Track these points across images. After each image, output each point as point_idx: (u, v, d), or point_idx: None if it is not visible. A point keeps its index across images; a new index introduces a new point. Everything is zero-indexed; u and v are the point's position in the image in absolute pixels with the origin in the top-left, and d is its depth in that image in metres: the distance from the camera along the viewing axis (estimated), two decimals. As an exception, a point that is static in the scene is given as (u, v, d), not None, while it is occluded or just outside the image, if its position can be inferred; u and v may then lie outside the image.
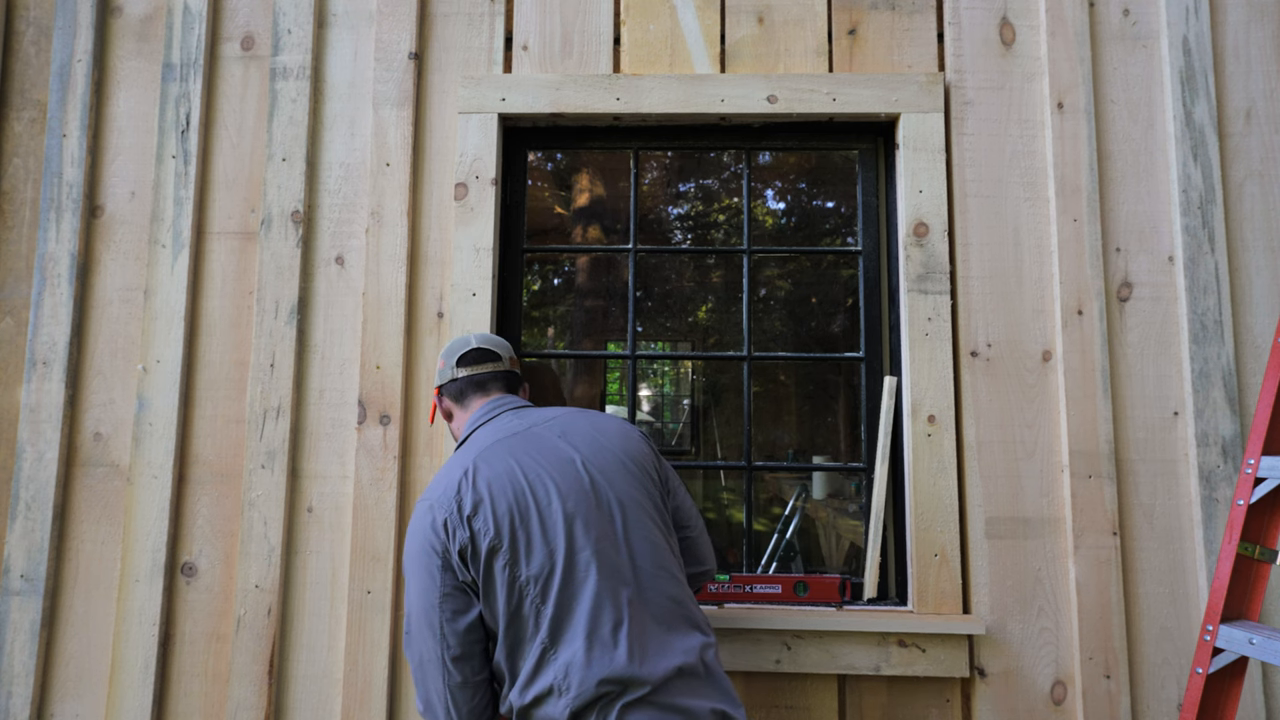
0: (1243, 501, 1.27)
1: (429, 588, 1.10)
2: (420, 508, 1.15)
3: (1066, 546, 1.62)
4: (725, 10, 1.81)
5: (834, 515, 3.98)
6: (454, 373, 1.36)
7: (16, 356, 1.76)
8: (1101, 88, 1.74)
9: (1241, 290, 1.67)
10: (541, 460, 1.17)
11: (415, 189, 1.77)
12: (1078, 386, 1.65)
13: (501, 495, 1.12)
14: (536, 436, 1.21)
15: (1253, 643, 1.19)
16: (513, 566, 1.08)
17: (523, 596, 1.08)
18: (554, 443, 1.20)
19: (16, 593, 1.67)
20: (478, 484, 1.13)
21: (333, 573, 1.68)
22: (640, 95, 1.75)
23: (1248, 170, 1.70)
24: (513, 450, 1.18)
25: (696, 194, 5.17)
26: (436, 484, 1.17)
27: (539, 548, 1.10)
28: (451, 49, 1.81)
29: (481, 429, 1.27)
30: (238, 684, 1.63)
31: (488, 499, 1.12)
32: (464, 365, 1.36)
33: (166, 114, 1.78)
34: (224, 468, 1.72)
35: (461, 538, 1.10)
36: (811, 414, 6.14)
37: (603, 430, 1.25)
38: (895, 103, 1.73)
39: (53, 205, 1.76)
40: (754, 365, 4.13)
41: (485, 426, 1.27)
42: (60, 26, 1.81)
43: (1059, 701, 1.58)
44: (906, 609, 1.64)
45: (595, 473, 1.18)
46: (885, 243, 1.80)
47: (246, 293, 1.76)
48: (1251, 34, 1.73)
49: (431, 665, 1.10)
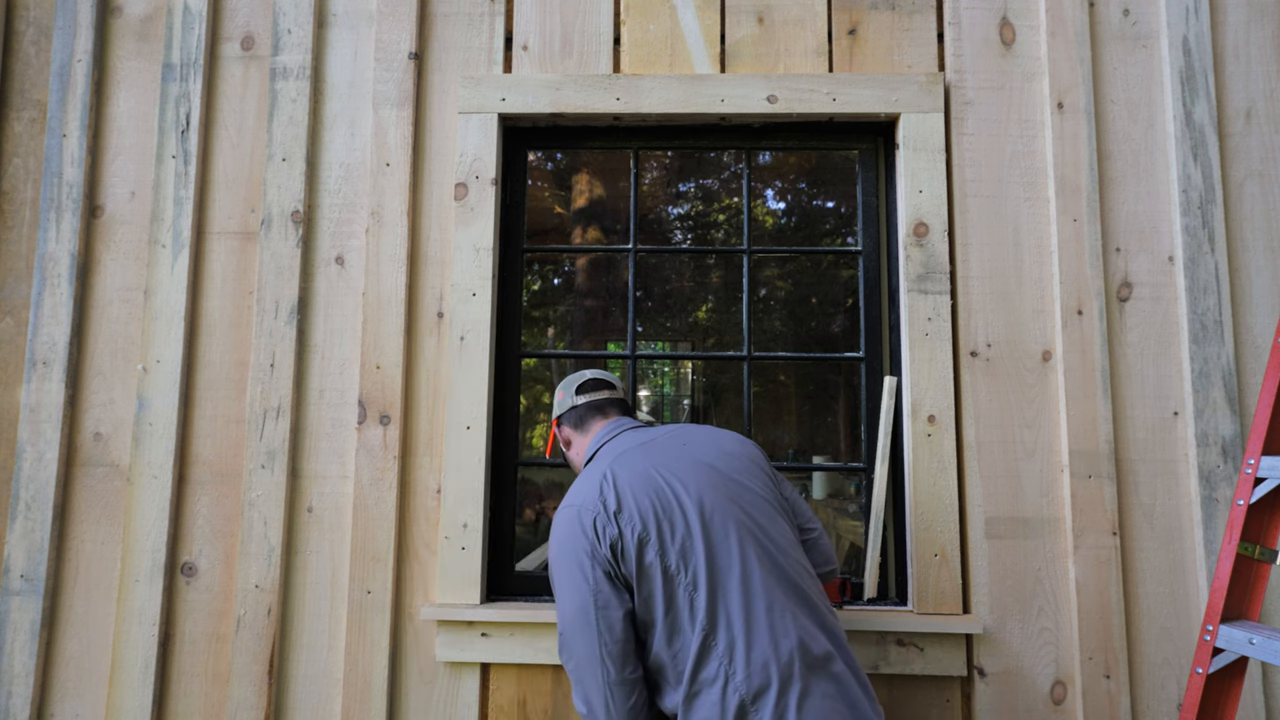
0: (1243, 501, 1.27)
1: (582, 587, 1.14)
2: (564, 515, 1.20)
3: (1066, 546, 1.62)
4: (725, 10, 1.80)
5: (834, 515, 3.98)
6: (574, 400, 1.43)
7: (16, 356, 1.76)
8: (1101, 88, 1.74)
9: (1241, 290, 1.67)
10: (672, 462, 1.24)
11: (415, 189, 1.77)
12: (1078, 386, 1.65)
13: (643, 492, 1.18)
14: (661, 445, 1.28)
15: (1253, 643, 1.19)
16: (662, 556, 1.13)
17: (675, 585, 1.12)
18: (679, 449, 1.27)
19: (16, 593, 1.67)
20: (619, 485, 1.19)
21: (333, 573, 1.67)
22: (640, 95, 1.75)
23: (1248, 170, 1.70)
24: (644, 456, 1.25)
25: (696, 194, 5.17)
26: (577, 492, 1.23)
27: (684, 537, 1.15)
28: (451, 49, 1.81)
29: (607, 446, 1.33)
30: (238, 684, 1.63)
31: (630, 496, 1.17)
32: (583, 393, 1.44)
33: (166, 114, 1.78)
34: (224, 468, 1.72)
35: (611, 534, 1.14)
36: (811, 414, 6.14)
37: (720, 438, 1.33)
38: (895, 103, 1.73)
39: (53, 205, 1.76)
40: (754, 365, 4.13)
41: (610, 443, 1.33)
42: (60, 26, 1.81)
43: (1059, 701, 1.58)
44: (906, 609, 1.64)
45: (724, 471, 1.24)
46: (885, 243, 1.80)
47: (246, 293, 1.76)
48: (1251, 34, 1.73)
49: (589, 664, 1.13)
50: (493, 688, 1.64)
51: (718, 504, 1.18)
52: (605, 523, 1.15)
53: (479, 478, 1.67)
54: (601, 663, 1.12)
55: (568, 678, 1.63)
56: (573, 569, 1.15)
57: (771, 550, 1.17)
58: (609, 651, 1.12)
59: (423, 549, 1.68)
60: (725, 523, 1.16)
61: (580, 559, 1.15)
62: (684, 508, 1.17)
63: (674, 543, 1.14)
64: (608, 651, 1.12)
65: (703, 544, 1.14)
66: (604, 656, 1.12)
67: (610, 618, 1.13)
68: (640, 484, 1.19)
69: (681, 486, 1.19)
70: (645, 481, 1.20)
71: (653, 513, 1.16)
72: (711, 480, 1.21)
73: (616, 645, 1.13)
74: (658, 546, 1.14)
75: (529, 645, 1.62)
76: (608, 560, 1.14)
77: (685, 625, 1.11)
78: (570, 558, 1.16)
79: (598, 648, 1.13)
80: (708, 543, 1.14)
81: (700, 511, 1.17)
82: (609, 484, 1.20)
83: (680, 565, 1.13)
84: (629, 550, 1.14)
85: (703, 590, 1.11)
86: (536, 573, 1.74)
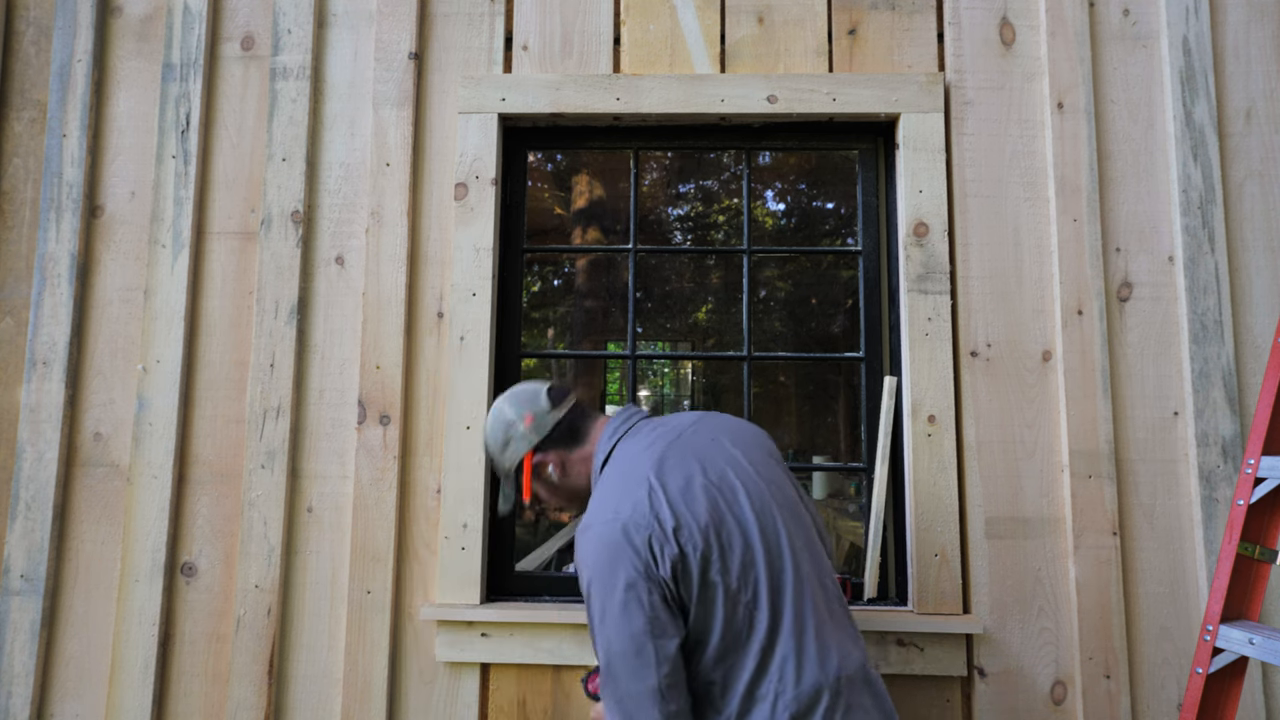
0: (1243, 501, 1.27)
1: (636, 615, 1.03)
2: (604, 532, 1.07)
3: (1066, 546, 1.62)
4: (725, 10, 1.81)
5: (834, 515, 3.98)
6: (554, 415, 1.26)
7: (16, 356, 1.76)
8: (1101, 88, 1.74)
9: (1241, 290, 1.67)
10: (716, 464, 1.14)
11: (415, 189, 1.77)
12: (1078, 386, 1.65)
13: (698, 504, 1.07)
14: (693, 441, 1.17)
15: (1253, 643, 1.19)
16: (725, 574, 1.05)
17: (736, 603, 1.05)
18: (713, 445, 1.17)
19: (16, 593, 1.67)
20: (671, 496, 1.08)
21: (333, 573, 1.67)
22: (640, 95, 1.75)
23: (1248, 170, 1.70)
24: (683, 457, 1.14)
25: (696, 194, 5.17)
26: (613, 505, 1.09)
27: (743, 551, 1.07)
28: (451, 49, 1.81)
29: (625, 442, 1.21)
30: (238, 684, 1.63)
31: (686, 509, 1.07)
32: (557, 405, 1.27)
33: (166, 114, 1.79)
34: (224, 468, 1.72)
35: (671, 553, 1.03)
36: (811, 414, 6.14)
37: (743, 432, 1.23)
38: (895, 103, 1.73)
39: (53, 205, 1.76)
40: (754, 365, 4.13)
41: (628, 440, 1.21)
42: (60, 26, 1.81)
43: (1059, 701, 1.58)
44: (906, 609, 1.64)
45: (761, 471, 1.17)
46: (885, 243, 1.80)
47: (246, 293, 1.76)
48: (1251, 34, 1.73)
49: (645, 698, 1.01)
50: (493, 688, 1.64)
51: (767, 512, 1.11)
52: (663, 540, 1.04)
53: (479, 478, 1.67)
54: (658, 695, 1.01)
55: (568, 677, 1.63)
56: (624, 594, 1.03)
57: (813, 558, 1.12)
58: (666, 684, 1.01)
59: (423, 549, 1.68)
60: (777, 533, 1.10)
61: (633, 582, 1.03)
62: (741, 519, 1.08)
63: (735, 558, 1.06)
64: (665, 684, 1.01)
65: (763, 558, 1.07)
66: (661, 689, 1.01)
67: (667, 648, 1.02)
68: (694, 493, 1.08)
69: (733, 494, 1.10)
70: (698, 490, 1.09)
71: (712, 527, 1.06)
72: (757, 486, 1.13)
73: (673, 676, 1.02)
74: (720, 564, 1.04)
75: (529, 645, 1.62)
76: (665, 583, 1.03)
77: (741, 643, 1.04)
78: (619, 581, 1.03)
79: (655, 680, 1.01)
80: (767, 556, 1.07)
81: (758, 523, 1.09)
82: (659, 496, 1.07)
83: (742, 582, 1.05)
84: (692, 570, 1.03)
85: (764, 607, 1.05)
86: (536, 573, 1.74)
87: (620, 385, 9.92)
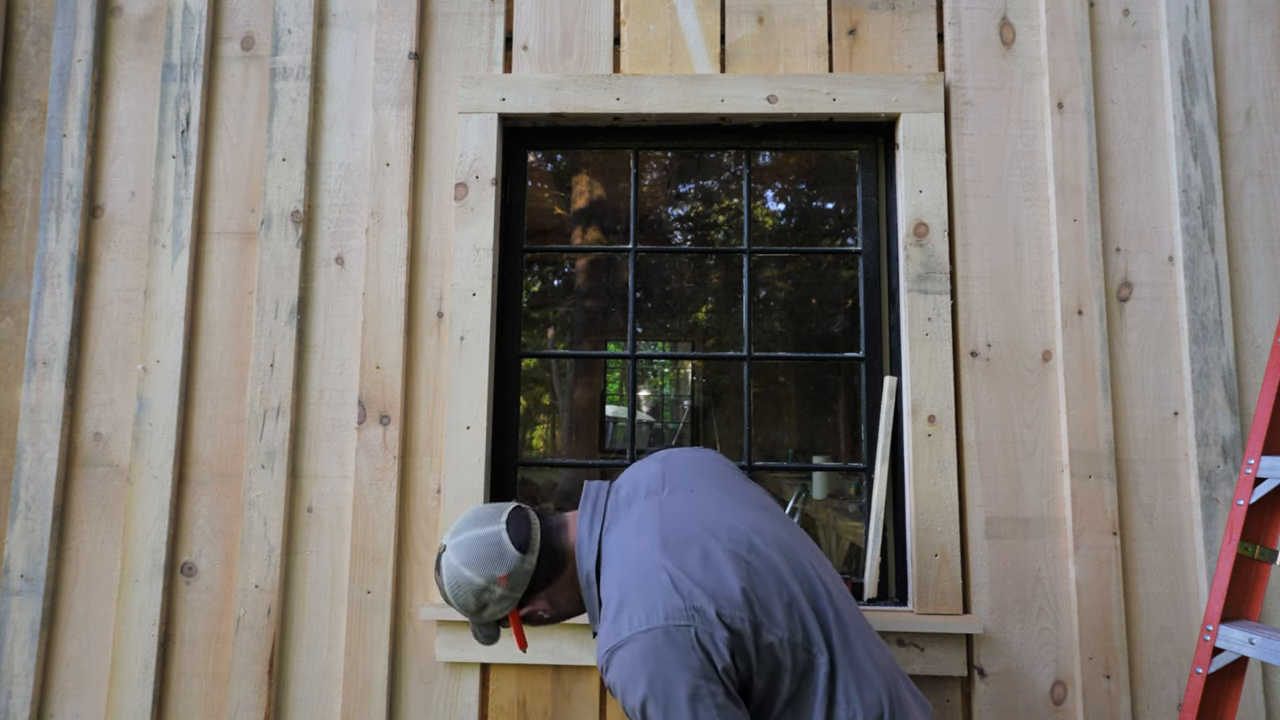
0: (1243, 501, 1.27)
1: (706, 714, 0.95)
2: (648, 644, 0.97)
3: (1066, 546, 1.62)
4: (725, 10, 1.81)
5: (834, 515, 3.98)
6: (530, 562, 1.14)
7: (16, 356, 1.76)
8: (1101, 88, 1.74)
9: (1241, 290, 1.67)
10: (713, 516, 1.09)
11: (415, 189, 1.77)
12: (1078, 386, 1.65)
13: (725, 572, 1.02)
14: (679, 504, 1.12)
15: (1253, 643, 1.19)
16: (775, 629, 1.00)
17: (794, 647, 1.00)
18: (697, 498, 1.13)
19: (16, 593, 1.67)
20: (696, 579, 1.00)
21: (333, 573, 1.67)
22: (640, 95, 1.75)
23: (1248, 170, 1.70)
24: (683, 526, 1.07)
25: (696, 194, 5.17)
26: (645, 610, 0.99)
27: (780, 593, 1.03)
28: (451, 49, 1.81)
29: (610, 537, 1.13)
30: (237, 684, 1.63)
31: (717, 586, 1.00)
32: (525, 547, 1.15)
33: (166, 114, 1.78)
34: (224, 468, 1.72)
35: (722, 639, 0.97)
36: (811, 414, 6.14)
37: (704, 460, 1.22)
38: (895, 103, 1.73)
39: (53, 205, 1.76)
40: (754, 365, 4.13)
41: (612, 532, 1.13)
42: (60, 26, 1.81)
43: (1059, 701, 1.58)
44: (906, 609, 1.64)
45: (745, 497, 1.15)
46: (885, 243, 1.80)
47: (246, 293, 1.76)
48: (1251, 34, 1.73)
49: None
50: (493, 688, 1.64)
51: (778, 542, 1.07)
52: (710, 629, 0.96)
53: (479, 478, 1.67)
54: None
55: (568, 677, 1.63)
56: (689, 708, 0.94)
57: (818, 559, 1.11)
58: None
59: (423, 549, 1.68)
60: (795, 556, 1.07)
61: (696, 690, 0.94)
62: (769, 564, 1.04)
63: (778, 608, 1.01)
64: None
65: (799, 590, 1.03)
66: None
67: None
68: (715, 563, 1.02)
69: (747, 541, 1.06)
70: (721, 557, 1.03)
71: (749, 591, 1.00)
72: (756, 517, 1.10)
73: None
74: (769, 622, 1.00)
75: (529, 645, 1.62)
76: (727, 673, 0.96)
77: (809, 682, 1.00)
78: (680, 696, 0.94)
79: None
80: (802, 587, 1.04)
81: (781, 557, 1.05)
82: (686, 584, 1.00)
83: (792, 628, 1.01)
84: (748, 645, 0.98)
85: (818, 641, 1.01)
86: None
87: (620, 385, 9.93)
